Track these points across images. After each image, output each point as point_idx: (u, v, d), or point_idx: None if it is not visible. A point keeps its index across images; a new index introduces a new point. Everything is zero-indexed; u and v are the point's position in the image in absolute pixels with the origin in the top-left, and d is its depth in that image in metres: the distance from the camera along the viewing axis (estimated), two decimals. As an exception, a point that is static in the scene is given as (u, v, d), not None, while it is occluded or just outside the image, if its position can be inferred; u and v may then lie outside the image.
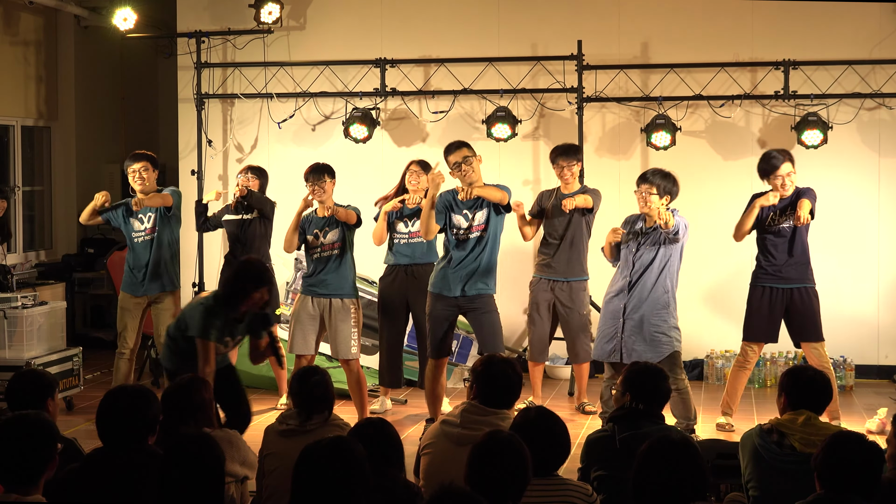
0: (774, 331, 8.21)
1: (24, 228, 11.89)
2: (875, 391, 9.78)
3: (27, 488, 4.06)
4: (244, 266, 6.96)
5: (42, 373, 5.44)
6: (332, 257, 8.19)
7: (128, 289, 8.77)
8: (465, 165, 7.84)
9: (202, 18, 11.11)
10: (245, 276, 6.82)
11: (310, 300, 8.21)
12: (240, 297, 6.77)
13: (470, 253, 7.87)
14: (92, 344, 11.25)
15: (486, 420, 4.96)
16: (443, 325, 7.95)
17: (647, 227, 7.60)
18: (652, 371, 5.21)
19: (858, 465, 4.05)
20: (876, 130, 10.22)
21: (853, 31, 10.22)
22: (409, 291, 8.73)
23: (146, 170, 8.67)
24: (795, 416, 4.95)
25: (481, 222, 7.89)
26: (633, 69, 10.44)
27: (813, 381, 5.11)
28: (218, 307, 6.79)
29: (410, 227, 8.78)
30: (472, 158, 7.88)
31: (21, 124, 11.81)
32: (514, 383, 5.13)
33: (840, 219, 9.95)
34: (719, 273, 10.35)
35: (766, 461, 4.87)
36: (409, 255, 8.78)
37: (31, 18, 11.79)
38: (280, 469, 5.00)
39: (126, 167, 8.72)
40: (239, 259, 7.54)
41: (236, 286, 6.80)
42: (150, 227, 8.69)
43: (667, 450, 3.93)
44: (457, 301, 7.90)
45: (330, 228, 8.21)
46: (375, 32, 10.86)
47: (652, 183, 7.53)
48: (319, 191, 8.16)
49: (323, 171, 8.21)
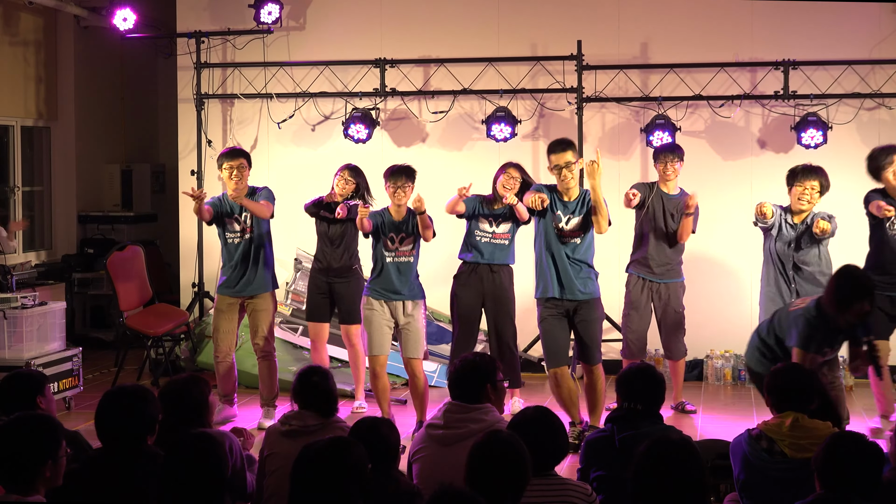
0: None
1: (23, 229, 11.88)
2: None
3: (27, 489, 4.06)
4: (847, 277, 6.66)
5: (29, 372, 5.44)
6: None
7: (224, 290, 8.56)
8: (566, 171, 7.77)
9: (202, 18, 11.11)
10: (849, 286, 6.56)
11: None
12: (843, 307, 6.52)
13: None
14: (92, 344, 11.24)
15: (470, 416, 4.97)
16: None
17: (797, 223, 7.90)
18: (646, 372, 5.20)
19: (858, 465, 4.04)
20: (876, 130, 10.21)
21: (853, 31, 10.22)
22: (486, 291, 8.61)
23: (242, 167, 8.40)
24: (782, 420, 4.88)
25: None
26: (633, 69, 10.43)
27: (795, 379, 5.05)
28: (820, 318, 6.57)
29: (495, 228, 8.59)
30: (573, 165, 7.78)
31: (21, 124, 11.80)
32: (484, 377, 5.12)
33: (839, 219, 9.92)
34: (721, 273, 10.34)
35: (758, 469, 4.82)
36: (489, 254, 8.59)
37: (31, 19, 11.78)
38: (281, 469, 4.99)
39: (219, 163, 8.45)
40: (843, 269, 7.01)
41: (840, 296, 6.54)
42: (248, 226, 8.43)
43: (666, 450, 3.93)
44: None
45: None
46: (375, 33, 10.86)
47: (814, 179, 7.91)
48: (401, 193, 8.08)
49: (404, 173, 8.14)
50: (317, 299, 9.00)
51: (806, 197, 8.10)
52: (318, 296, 8.99)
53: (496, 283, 8.50)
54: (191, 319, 10.67)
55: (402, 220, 8.10)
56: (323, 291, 8.96)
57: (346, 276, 8.94)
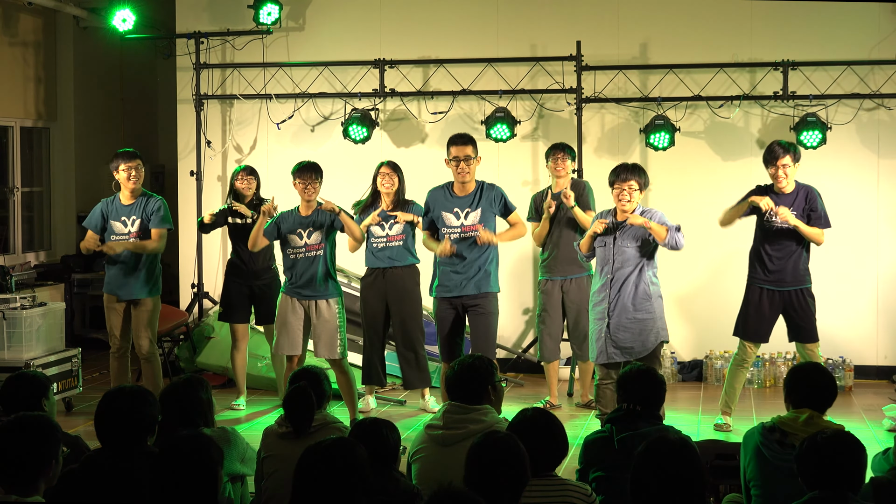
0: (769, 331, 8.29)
1: (23, 229, 11.89)
2: (874, 391, 9.78)
3: (27, 489, 4.06)
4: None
5: (34, 374, 5.44)
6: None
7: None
8: (464, 163, 7.92)
9: (201, 19, 11.11)
10: None
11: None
12: None
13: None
14: (91, 345, 11.24)
15: (469, 417, 4.98)
16: (448, 327, 7.99)
17: (618, 221, 7.55)
18: (645, 373, 5.20)
19: (839, 461, 4.08)
20: (875, 131, 10.22)
21: (852, 31, 10.22)
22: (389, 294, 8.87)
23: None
24: (797, 415, 4.95)
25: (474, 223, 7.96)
26: (632, 70, 10.44)
27: (815, 380, 5.11)
28: None
29: (388, 231, 8.86)
30: (473, 160, 7.96)
31: (20, 125, 11.81)
32: (483, 378, 5.14)
33: (839, 219, 9.91)
34: (718, 273, 10.34)
35: (769, 460, 4.87)
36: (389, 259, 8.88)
37: (30, 19, 11.78)
38: (279, 471, 4.99)
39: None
40: None
41: None
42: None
43: (664, 450, 3.92)
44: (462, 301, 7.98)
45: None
46: (374, 33, 10.86)
47: (631, 179, 7.48)
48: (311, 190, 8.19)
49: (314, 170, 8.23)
50: (238, 300, 9.17)
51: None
52: (238, 297, 9.16)
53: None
54: (190, 320, 10.67)
55: (309, 215, 8.17)
56: (242, 292, 9.14)
57: (264, 276, 9.16)
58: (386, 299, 8.84)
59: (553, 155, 8.98)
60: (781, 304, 8.14)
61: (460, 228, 7.98)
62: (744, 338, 8.26)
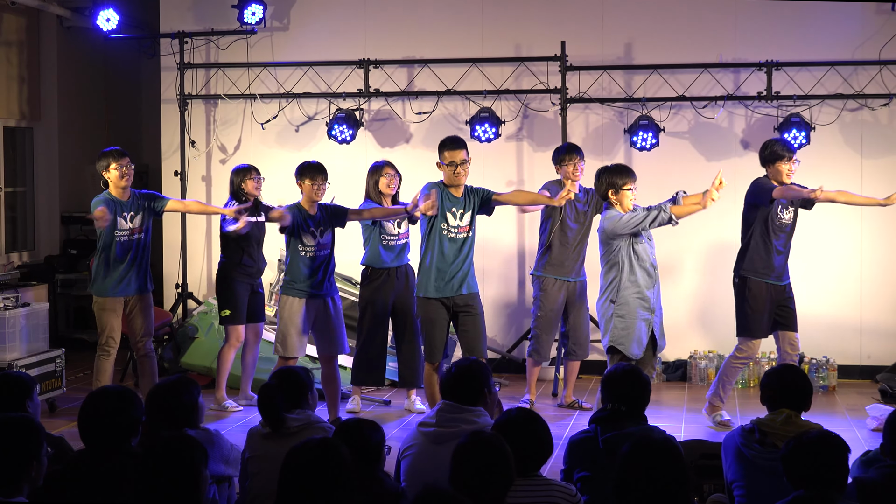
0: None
1: (6, 229, 11.84)
2: (857, 391, 9.81)
3: (10, 490, 4.05)
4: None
5: (19, 374, 5.42)
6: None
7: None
8: (461, 167, 7.96)
9: (185, 19, 11.09)
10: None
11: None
12: None
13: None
14: (75, 346, 11.21)
15: (462, 417, 4.98)
16: (440, 327, 7.99)
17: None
18: (631, 373, 5.21)
19: (825, 461, 4.12)
20: (858, 131, 10.26)
21: (836, 32, 10.25)
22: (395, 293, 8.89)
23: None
24: (775, 416, 5.01)
25: (467, 223, 7.97)
26: (617, 70, 10.45)
27: (792, 381, 5.20)
28: None
29: (399, 230, 8.86)
30: (468, 163, 8.02)
31: (3, 125, 11.75)
32: (480, 382, 5.15)
33: (822, 219, 9.96)
34: (702, 274, 10.37)
35: (750, 460, 4.90)
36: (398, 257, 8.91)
37: (14, 19, 11.74)
38: (264, 471, 4.98)
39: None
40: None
41: None
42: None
43: (649, 450, 3.93)
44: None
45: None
46: (359, 33, 10.85)
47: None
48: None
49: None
50: (243, 302, 9.14)
51: None
52: (243, 298, 9.13)
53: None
54: (174, 320, 10.65)
55: (316, 214, 8.25)
56: (247, 293, 9.14)
57: (260, 276, 9.25)
58: (394, 297, 8.85)
59: (571, 159, 8.81)
60: (777, 297, 8.22)
61: (457, 229, 8.03)
62: (754, 336, 8.26)
